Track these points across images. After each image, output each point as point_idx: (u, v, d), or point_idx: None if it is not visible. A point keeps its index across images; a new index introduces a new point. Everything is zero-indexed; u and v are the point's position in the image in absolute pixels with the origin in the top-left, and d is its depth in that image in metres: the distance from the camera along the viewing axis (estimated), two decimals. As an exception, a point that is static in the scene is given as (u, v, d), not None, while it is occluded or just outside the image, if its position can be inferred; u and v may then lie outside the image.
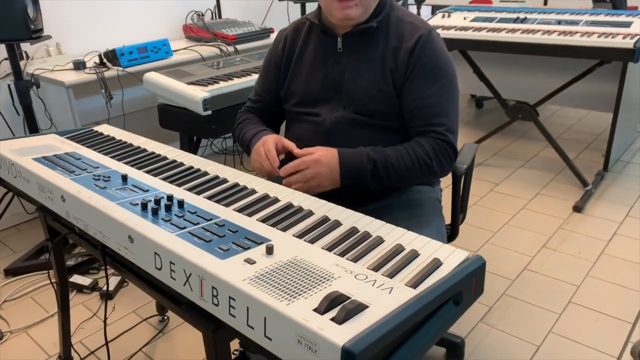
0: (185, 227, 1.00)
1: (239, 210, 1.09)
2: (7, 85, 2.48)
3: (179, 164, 1.36)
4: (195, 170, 1.31)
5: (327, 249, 0.94)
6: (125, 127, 1.66)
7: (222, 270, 0.85)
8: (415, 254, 0.92)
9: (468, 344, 1.80)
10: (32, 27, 2.05)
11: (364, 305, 0.76)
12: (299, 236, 0.99)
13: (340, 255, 0.92)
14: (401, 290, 0.82)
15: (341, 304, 0.76)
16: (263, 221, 1.04)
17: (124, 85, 2.61)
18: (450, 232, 1.60)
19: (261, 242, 0.95)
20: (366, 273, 0.86)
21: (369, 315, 0.75)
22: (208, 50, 2.86)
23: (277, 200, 1.15)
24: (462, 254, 0.92)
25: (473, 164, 1.65)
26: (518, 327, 1.88)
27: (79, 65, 2.48)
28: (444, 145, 1.33)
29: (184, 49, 2.86)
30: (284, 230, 1.01)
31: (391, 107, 1.39)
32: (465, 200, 1.63)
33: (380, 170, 1.31)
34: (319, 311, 0.75)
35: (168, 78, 2.21)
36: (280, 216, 1.07)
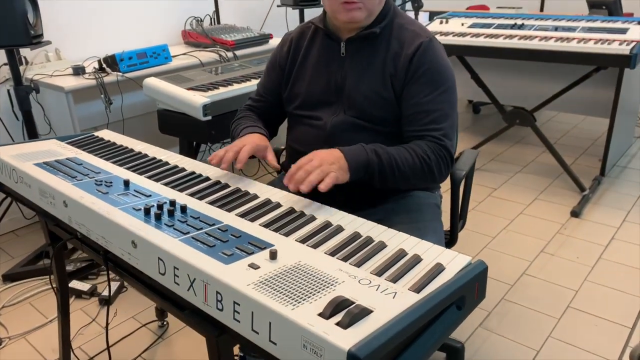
0: (188, 232, 1.01)
1: (242, 216, 1.10)
2: (7, 90, 2.48)
3: (181, 169, 1.36)
4: (197, 175, 1.32)
5: (330, 254, 0.94)
6: (124, 132, 1.67)
7: (227, 275, 0.86)
8: (418, 259, 0.93)
9: (468, 349, 1.80)
10: (32, 32, 2.06)
11: (369, 310, 0.77)
12: (302, 241, 0.99)
13: (344, 260, 0.93)
14: (405, 295, 0.82)
15: (346, 309, 0.76)
16: (266, 226, 1.05)
17: (123, 90, 2.61)
18: (449, 239, 1.61)
19: (265, 247, 0.95)
20: (370, 278, 0.87)
21: (374, 320, 0.75)
22: (207, 55, 2.86)
23: (279, 206, 1.15)
24: (465, 259, 0.93)
25: (473, 170, 1.65)
26: (517, 332, 1.89)
27: (79, 70, 2.48)
28: (440, 149, 1.33)
29: (183, 54, 2.87)
30: (286, 235, 1.01)
31: (390, 112, 1.39)
32: (465, 207, 1.64)
33: (385, 164, 1.27)
34: (324, 316, 0.75)
35: (168, 83, 2.21)
36: (282, 221, 1.07)
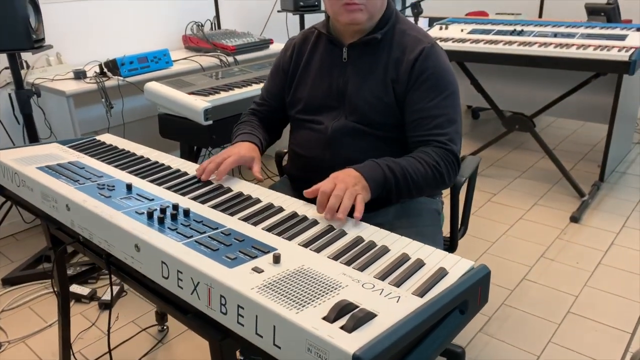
0: (192, 236, 1.01)
1: (244, 220, 1.10)
2: (8, 94, 2.49)
3: (183, 173, 1.37)
4: (199, 179, 1.32)
5: (334, 258, 0.95)
6: (124, 136, 1.67)
7: (231, 278, 0.86)
8: (421, 263, 0.93)
9: (468, 354, 1.80)
10: (34, 36, 2.06)
11: (373, 314, 0.77)
12: (304, 245, 0.99)
13: (347, 264, 0.93)
14: (408, 299, 0.82)
15: (350, 313, 0.77)
16: (269, 230, 1.05)
17: (123, 94, 2.62)
18: (449, 245, 1.61)
19: (268, 251, 0.96)
20: (373, 282, 0.87)
21: (378, 324, 0.75)
22: (208, 60, 2.87)
23: (281, 210, 1.15)
24: (468, 264, 0.93)
25: (476, 177, 1.65)
26: (517, 337, 1.89)
27: (80, 74, 2.49)
28: (447, 154, 1.33)
29: (183, 59, 2.87)
30: (289, 239, 1.02)
31: (391, 118, 1.40)
32: (467, 213, 1.64)
33: (400, 179, 1.26)
34: (329, 319, 0.75)
35: (169, 88, 2.22)
36: (285, 225, 1.08)
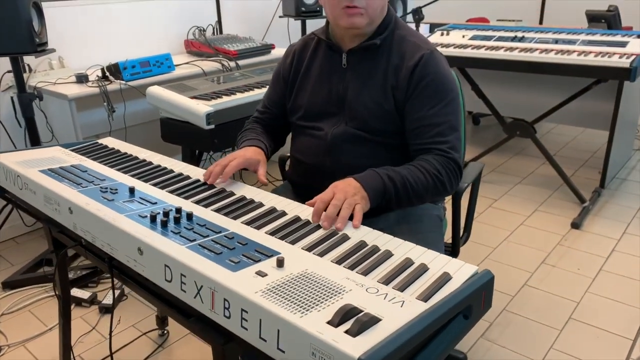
0: (195, 240, 1.01)
1: (247, 223, 1.10)
2: (10, 97, 2.49)
3: (185, 176, 1.37)
4: (202, 183, 1.32)
5: (337, 262, 0.95)
6: (126, 140, 1.67)
7: (234, 282, 0.86)
8: (425, 268, 0.93)
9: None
10: (37, 40, 2.07)
11: (377, 318, 0.77)
12: (308, 249, 0.99)
13: (350, 268, 0.93)
14: (412, 304, 0.82)
15: (354, 317, 0.76)
16: (272, 234, 1.05)
17: (125, 98, 2.62)
18: (451, 250, 1.60)
19: (271, 255, 0.95)
20: (377, 286, 0.87)
21: (382, 328, 0.75)
22: (210, 65, 2.88)
23: (284, 214, 1.15)
24: (471, 268, 0.93)
25: (479, 183, 1.64)
26: (519, 343, 1.89)
27: (82, 78, 2.49)
28: (449, 162, 1.33)
29: (185, 63, 2.88)
30: (292, 243, 1.02)
31: (391, 124, 1.39)
32: (470, 220, 1.64)
33: (400, 188, 1.27)
34: (333, 324, 0.75)
35: (171, 92, 2.22)
36: (288, 229, 1.08)
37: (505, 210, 2.90)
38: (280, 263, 0.92)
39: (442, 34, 3.26)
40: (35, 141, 2.32)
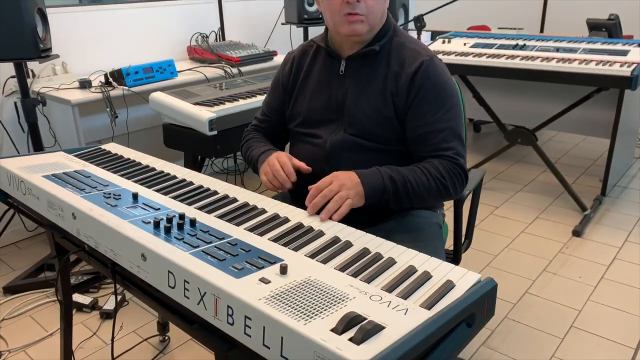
0: (198, 246, 1.01)
1: (250, 230, 1.10)
2: (14, 102, 2.50)
3: (188, 182, 1.37)
4: (205, 189, 1.32)
5: (340, 270, 0.95)
6: (128, 146, 1.68)
7: (238, 289, 0.86)
8: (428, 276, 0.93)
9: (471, 368, 1.80)
10: (41, 46, 2.08)
11: (381, 326, 0.77)
12: (311, 256, 0.99)
13: (354, 275, 0.93)
14: (416, 312, 0.82)
15: (358, 325, 0.77)
16: (275, 241, 1.05)
17: (128, 104, 2.63)
18: (452, 258, 1.60)
19: (274, 262, 0.96)
20: (380, 294, 0.87)
21: (386, 336, 0.75)
22: (212, 71, 2.89)
23: (287, 220, 1.16)
24: (474, 276, 0.93)
25: (480, 189, 1.65)
26: (520, 351, 1.88)
27: (85, 84, 2.50)
28: (454, 167, 1.34)
29: (188, 69, 2.89)
30: (295, 250, 1.02)
31: (391, 131, 1.40)
32: (472, 227, 1.64)
33: (400, 189, 1.29)
34: (337, 331, 0.75)
35: (174, 98, 2.23)
36: (291, 236, 1.08)
37: (506, 217, 2.90)
38: (283, 270, 0.92)
39: (443, 42, 3.27)
40: (38, 146, 2.32)
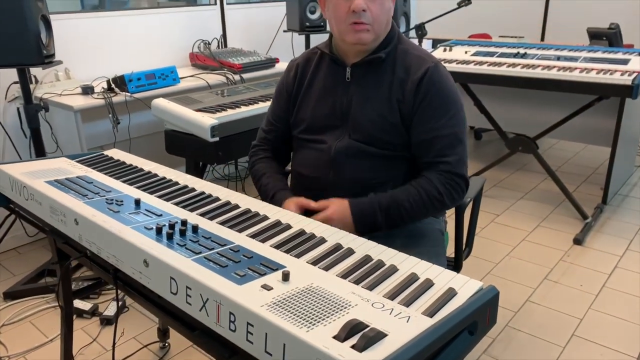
0: (200, 252, 1.01)
1: (253, 236, 1.10)
2: (17, 108, 2.51)
3: (191, 189, 1.37)
4: (207, 195, 1.32)
5: (342, 277, 0.95)
6: (130, 152, 1.68)
7: (240, 295, 0.86)
8: (430, 283, 0.93)
9: (472, 376, 1.79)
10: (44, 52, 2.09)
11: (383, 334, 0.77)
12: (313, 263, 0.99)
13: (356, 282, 0.93)
14: (418, 319, 0.82)
15: (361, 332, 0.77)
16: (277, 247, 1.05)
17: (130, 110, 2.64)
18: (454, 265, 1.60)
19: (277, 269, 0.96)
20: (382, 301, 0.87)
21: (389, 344, 0.75)
22: (214, 78, 2.90)
23: (289, 227, 1.16)
24: (476, 284, 0.93)
25: (480, 197, 1.65)
26: (522, 359, 1.88)
27: (87, 90, 2.51)
28: (453, 178, 1.35)
29: (190, 76, 2.90)
30: (297, 257, 1.02)
31: (397, 137, 1.41)
32: (472, 234, 1.64)
33: (393, 216, 1.35)
34: (339, 338, 0.75)
35: (176, 104, 2.24)
36: (293, 243, 1.08)
37: (507, 225, 2.89)
38: (285, 277, 0.92)
39: (444, 50, 3.28)
40: (40, 152, 2.33)
